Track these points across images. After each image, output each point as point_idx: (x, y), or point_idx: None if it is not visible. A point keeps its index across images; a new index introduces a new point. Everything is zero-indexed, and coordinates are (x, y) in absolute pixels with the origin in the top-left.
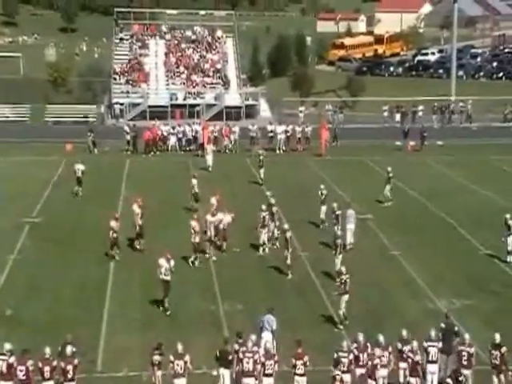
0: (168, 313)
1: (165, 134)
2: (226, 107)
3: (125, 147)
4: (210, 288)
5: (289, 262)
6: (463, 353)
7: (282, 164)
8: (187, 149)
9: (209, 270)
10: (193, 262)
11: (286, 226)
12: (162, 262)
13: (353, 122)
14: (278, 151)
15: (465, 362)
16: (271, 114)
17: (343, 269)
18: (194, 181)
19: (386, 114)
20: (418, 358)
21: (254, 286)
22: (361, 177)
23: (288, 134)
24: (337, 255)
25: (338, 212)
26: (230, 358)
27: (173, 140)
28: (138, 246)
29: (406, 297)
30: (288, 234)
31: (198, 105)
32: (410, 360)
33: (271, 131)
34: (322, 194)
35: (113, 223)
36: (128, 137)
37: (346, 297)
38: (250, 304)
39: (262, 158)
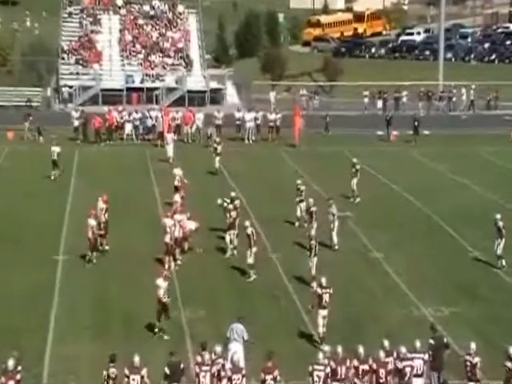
0: (166, 337)
1: (119, 121)
2: (188, 91)
3: (74, 136)
4: (171, 292)
5: (250, 261)
6: (466, 363)
7: (251, 156)
8: (145, 138)
9: (171, 272)
10: (169, 266)
11: (247, 223)
12: (160, 282)
13: (330, 109)
14: (246, 141)
15: (468, 374)
16: (239, 99)
17: (323, 281)
18: (179, 171)
19: (366, 100)
20: (403, 364)
21: (220, 290)
22: (338, 170)
23: (258, 122)
24: (311, 258)
25: (314, 209)
26: (182, 367)
27: (128, 128)
28: (100, 247)
29: (389, 303)
30: (249, 230)
31: (157, 88)
32: (399, 367)
33: (239, 119)
34: (299, 189)
35: (91, 221)
36: (76, 123)
37: (324, 312)
38: (215, 311)
39: (216, 145)
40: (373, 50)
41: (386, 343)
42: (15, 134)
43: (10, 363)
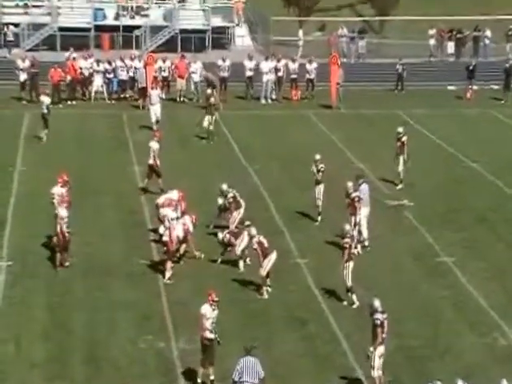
0: None
1: (85, 72)
2: (181, 31)
3: (21, 94)
4: (157, 314)
5: (263, 273)
6: None
7: (269, 122)
8: (121, 96)
9: (155, 288)
10: (169, 278)
11: (253, 231)
12: (206, 308)
13: (380, 55)
14: (263, 101)
15: None
16: (253, 42)
17: (377, 304)
18: (155, 145)
19: (432, 41)
20: None
21: (222, 312)
22: (392, 142)
23: (279, 75)
24: (346, 264)
25: (356, 194)
26: None
27: (98, 82)
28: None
29: (464, 328)
30: (255, 241)
31: (139, 27)
32: None
33: (252, 69)
34: (317, 168)
35: (63, 212)
36: (23, 77)
37: (381, 349)
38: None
39: (212, 99)
40: None
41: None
42: None
43: None
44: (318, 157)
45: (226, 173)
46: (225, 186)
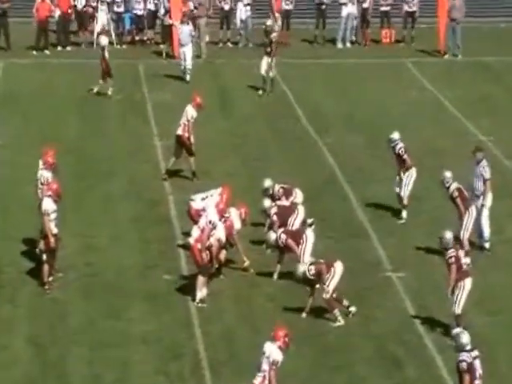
0: None
1: (85, 8)
2: None
3: None
4: (188, 352)
5: (327, 296)
6: None
7: (349, 75)
8: (136, 38)
9: (185, 314)
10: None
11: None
12: (278, 354)
13: None
14: (340, 44)
15: None
16: None
17: (464, 338)
18: (192, 111)
19: None
20: None
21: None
22: None
23: (365, 6)
24: (459, 284)
25: (456, 187)
26: None
27: (103, 18)
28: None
29: None
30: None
31: None
32: None
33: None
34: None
35: (49, 204)
36: None
37: None
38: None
39: (273, 36)
40: None
41: None
42: None
43: None
44: (393, 136)
45: (286, 150)
46: (268, 183)
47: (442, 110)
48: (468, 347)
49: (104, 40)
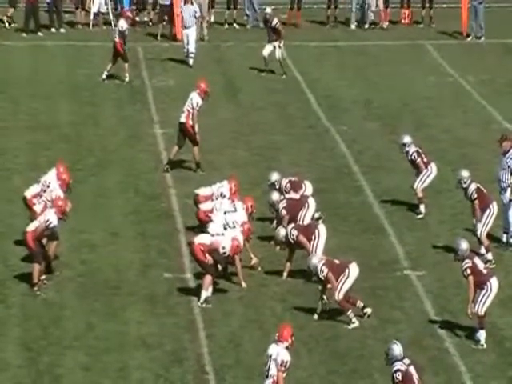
0: None
1: None
2: None
3: None
4: (192, 356)
5: (338, 297)
6: None
7: (364, 58)
8: (135, 19)
9: (188, 316)
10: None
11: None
12: (286, 354)
13: None
14: (353, 25)
15: None
16: None
17: (395, 350)
18: (197, 98)
19: None
20: None
21: (294, 352)
22: None
23: None
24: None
25: (474, 188)
26: None
27: None
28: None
29: None
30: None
31: None
32: None
33: None
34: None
35: (50, 216)
36: None
37: None
38: None
39: (275, 23)
40: None
41: None
42: None
43: None
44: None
45: (297, 139)
46: (274, 176)
47: (464, 96)
48: (400, 356)
49: (124, 24)
